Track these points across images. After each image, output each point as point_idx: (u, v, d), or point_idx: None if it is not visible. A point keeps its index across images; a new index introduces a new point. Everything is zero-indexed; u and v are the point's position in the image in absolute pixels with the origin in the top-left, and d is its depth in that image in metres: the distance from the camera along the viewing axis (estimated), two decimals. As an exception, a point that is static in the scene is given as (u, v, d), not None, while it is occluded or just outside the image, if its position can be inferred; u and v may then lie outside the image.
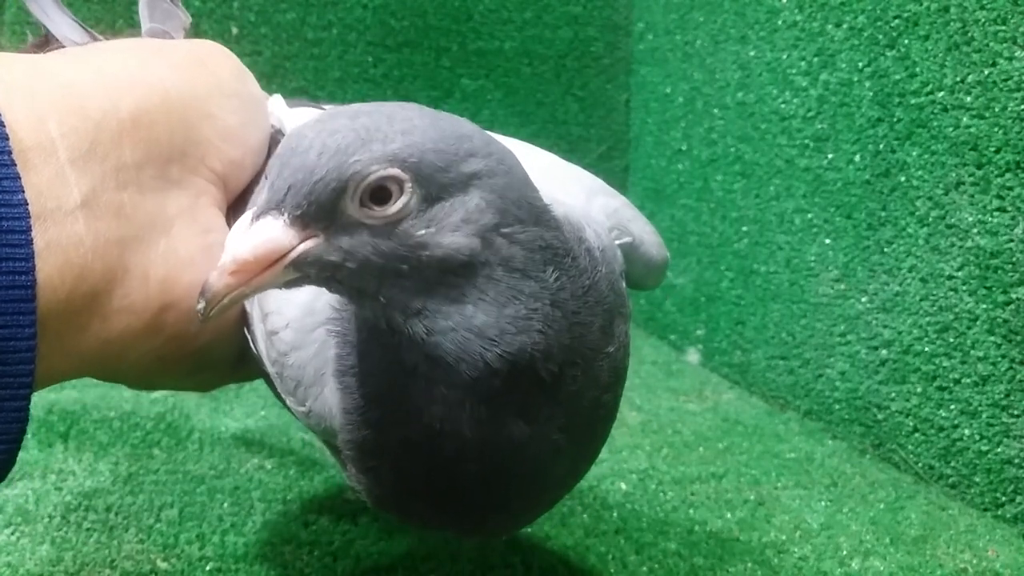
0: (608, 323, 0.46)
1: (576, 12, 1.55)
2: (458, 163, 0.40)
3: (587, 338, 0.44)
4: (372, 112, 0.40)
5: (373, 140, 0.39)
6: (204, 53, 0.56)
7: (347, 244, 0.39)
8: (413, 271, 0.40)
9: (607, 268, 0.48)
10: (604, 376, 0.47)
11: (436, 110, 0.43)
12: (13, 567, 0.63)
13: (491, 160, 0.41)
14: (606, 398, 0.48)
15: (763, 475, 0.88)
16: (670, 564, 0.69)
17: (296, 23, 1.42)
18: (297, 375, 0.49)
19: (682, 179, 1.37)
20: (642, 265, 0.58)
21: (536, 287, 0.42)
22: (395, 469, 0.46)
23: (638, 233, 0.57)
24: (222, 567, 0.65)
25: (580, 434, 0.48)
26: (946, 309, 0.85)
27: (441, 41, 1.49)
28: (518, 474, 0.46)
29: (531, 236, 0.42)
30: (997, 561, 0.71)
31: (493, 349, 0.41)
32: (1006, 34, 0.77)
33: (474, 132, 0.42)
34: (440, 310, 0.40)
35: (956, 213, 0.83)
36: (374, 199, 0.38)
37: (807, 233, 1.06)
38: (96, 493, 0.76)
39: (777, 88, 1.11)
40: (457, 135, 0.41)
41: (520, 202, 0.42)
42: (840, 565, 0.70)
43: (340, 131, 0.39)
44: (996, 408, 0.80)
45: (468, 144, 0.41)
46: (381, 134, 0.39)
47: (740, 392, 1.18)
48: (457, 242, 0.40)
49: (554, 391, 0.43)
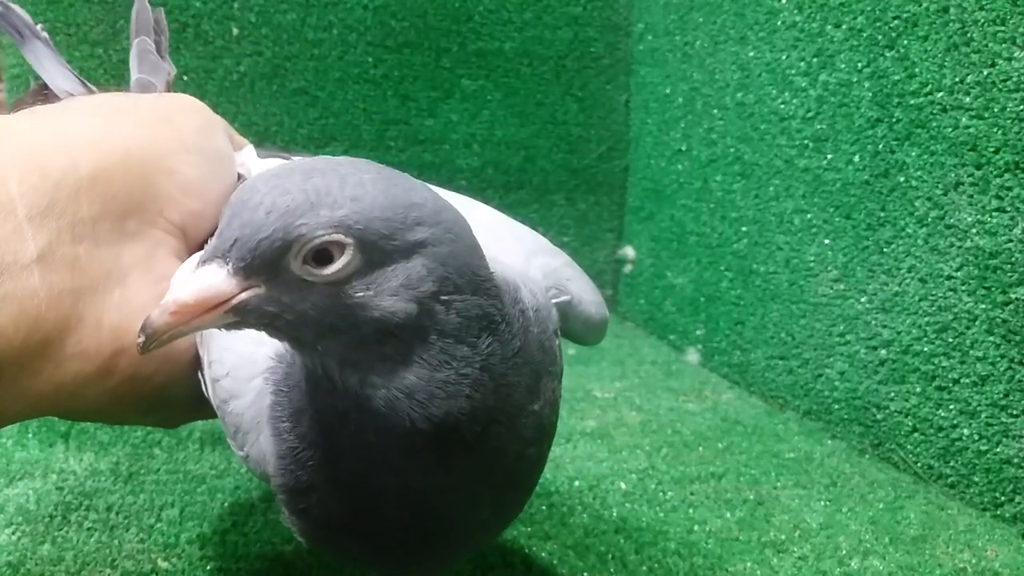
0: (535, 382, 0.48)
1: (576, 12, 1.56)
2: (404, 231, 0.41)
3: (513, 398, 0.46)
4: (326, 172, 0.41)
5: (322, 205, 0.39)
6: (172, 109, 0.59)
7: (287, 298, 0.40)
8: (350, 328, 0.41)
9: (539, 328, 0.49)
10: (528, 432, 0.48)
11: (393, 172, 0.43)
12: (13, 567, 0.64)
13: (439, 229, 0.42)
14: (530, 452, 0.49)
15: (763, 475, 0.88)
16: (670, 564, 0.69)
17: (296, 24, 1.42)
18: (236, 422, 0.51)
19: (682, 179, 1.37)
20: (580, 323, 0.59)
21: (468, 352, 0.43)
22: (323, 509, 0.48)
23: (576, 292, 0.58)
24: (222, 567, 0.65)
25: (502, 485, 0.49)
26: (945, 309, 0.85)
27: (441, 41, 1.49)
28: (438, 521, 0.47)
29: (469, 305, 0.43)
30: (996, 561, 0.71)
31: (420, 411, 0.42)
32: (1005, 34, 0.77)
33: (426, 199, 0.43)
34: (374, 367, 0.42)
35: (955, 213, 0.83)
36: (316, 260, 0.39)
37: (807, 233, 1.06)
38: (97, 493, 0.76)
39: (777, 88, 1.11)
40: (407, 203, 0.41)
41: (463, 271, 0.43)
42: (839, 565, 0.70)
43: (291, 192, 0.40)
44: (995, 408, 0.80)
45: (417, 212, 0.41)
46: (331, 199, 0.40)
47: (740, 392, 1.18)
48: (394, 306, 0.41)
49: (477, 447, 0.45)
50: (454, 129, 1.49)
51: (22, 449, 0.84)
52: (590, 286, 0.60)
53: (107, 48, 1.34)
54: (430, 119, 1.49)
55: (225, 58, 1.39)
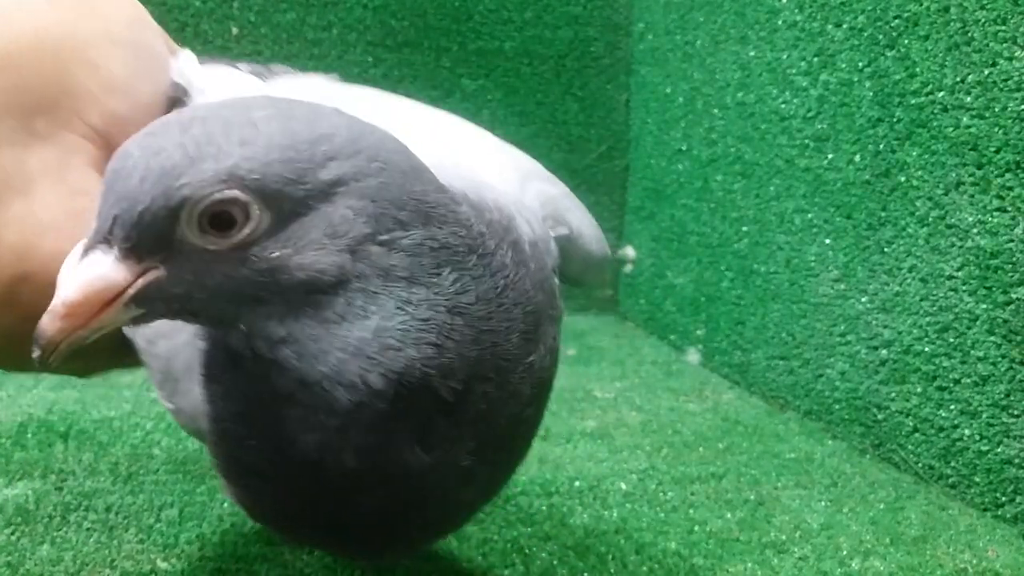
0: (532, 327, 0.41)
1: (576, 12, 1.56)
2: (314, 171, 0.34)
3: (502, 347, 0.39)
4: (207, 118, 0.35)
5: (204, 157, 0.33)
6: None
7: (192, 274, 0.34)
8: (274, 296, 0.35)
9: (536, 263, 0.43)
10: (526, 389, 0.41)
11: (293, 102, 0.37)
12: (13, 567, 0.63)
13: (358, 160, 0.35)
14: (528, 413, 0.42)
15: (763, 475, 0.88)
16: (670, 564, 0.69)
17: (296, 23, 1.42)
18: (163, 367, 0.44)
19: (682, 179, 1.37)
20: (580, 260, 0.52)
21: (427, 294, 0.36)
22: (271, 490, 0.41)
23: (576, 225, 0.51)
24: (222, 567, 0.65)
25: (495, 455, 0.42)
26: (946, 309, 0.85)
27: (441, 41, 1.49)
28: (418, 505, 0.41)
29: (417, 239, 0.36)
30: (997, 561, 0.71)
31: (375, 369, 0.35)
32: (1006, 34, 0.77)
33: (337, 127, 0.36)
34: (309, 334, 0.35)
35: (956, 213, 0.83)
36: (215, 225, 0.33)
37: (807, 233, 1.06)
38: (96, 493, 0.76)
39: (777, 88, 1.11)
40: (312, 137, 0.35)
41: (401, 202, 0.36)
42: (840, 565, 0.70)
43: (166, 148, 0.33)
44: (996, 408, 0.80)
45: (327, 146, 0.35)
46: (214, 148, 0.33)
47: (740, 392, 1.18)
48: (321, 262, 0.34)
49: (460, 412, 0.38)
50: (454, 129, 1.49)
51: (21, 449, 0.84)
52: (590, 219, 0.54)
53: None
54: (430, 119, 1.48)
55: (225, 58, 1.39)
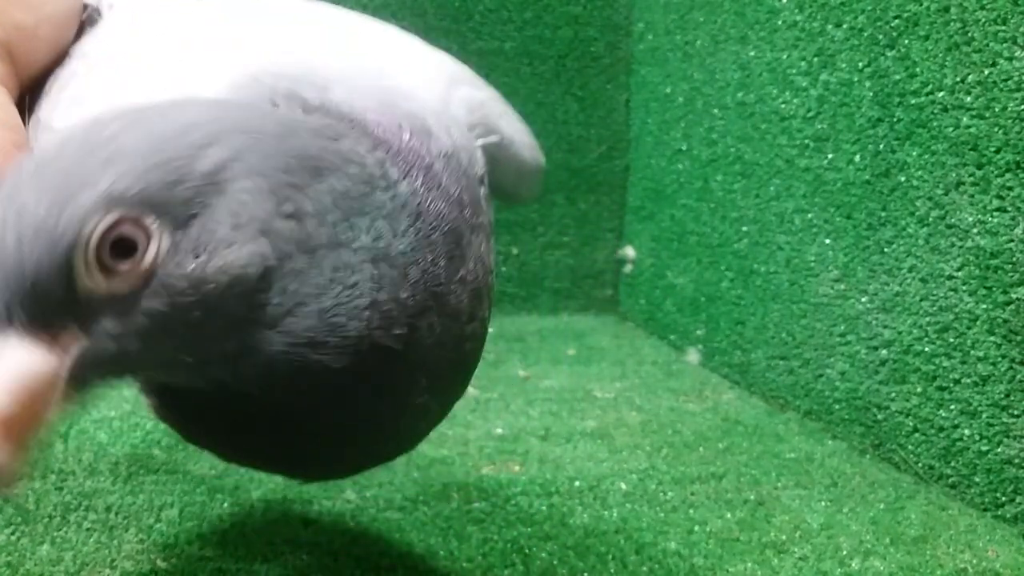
0: (455, 244, 0.39)
1: (576, 12, 1.55)
2: (191, 164, 0.32)
3: (431, 274, 0.37)
4: (58, 156, 0.31)
5: (73, 194, 0.30)
6: None
7: (114, 326, 0.30)
8: (208, 313, 0.32)
9: (452, 176, 0.40)
10: (463, 306, 0.40)
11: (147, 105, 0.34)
12: (13, 567, 0.63)
13: (230, 139, 0.33)
14: (471, 328, 0.41)
15: (763, 475, 0.88)
16: (670, 564, 0.69)
17: (296, 23, 1.42)
18: None
19: (682, 179, 1.37)
20: (512, 170, 0.50)
21: (350, 255, 0.34)
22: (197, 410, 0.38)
23: (508, 132, 0.49)
24: (222, 567, 0.65)
25: (447, 379, 0.42)
26: (946, 309, 0.85)
27: (441, 41, 1.48)
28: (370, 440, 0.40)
29: (319, 197, 0.34)
30: (997, 561, 0.71)
31: (333, 351, 0.34)
32: (1006, 34, 0.77)
33: (197, 115, 0.34)
34: (260, 338, 0.33)
35: (956, 213, 0.83)
36: (118, 256, 0.30)
37: (807, 233, 1.06)
38: (96, 493, 0.76)
39: (777, 88, 1.11)
40: (176, 132, 0.32)
41: (289, 166, 0.34)
42: (840, 565, 0.70)
43: (28, 203, 0.29)
44: (996, 408, 0.80)
45: (194, 135, 0.33)
46: (78, 180, 0.30)
47: (740, 392, 1.18)
48: (240, 256, 0.32)
49: (411, 351, 0.37)
50: (454, 129, 1.49)
51: (21, 449, 0.84)
52: (523, 127, 0.52)
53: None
54: (430, 119, 1.48)
55: None
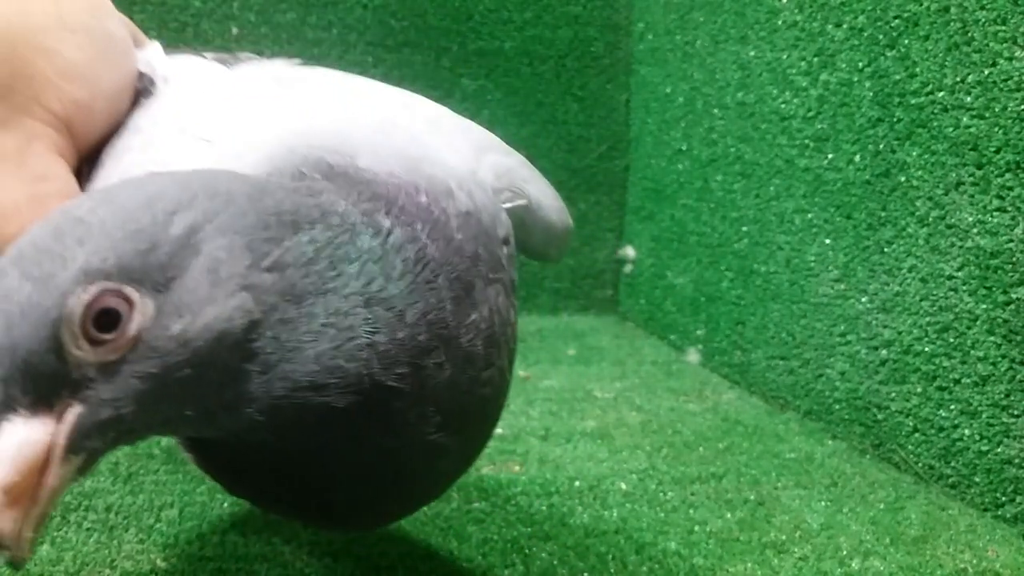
0: (464, 292, 0.40)
1: (576, 12, 1.55)
2: (162, 230, 0.33)
3: (434, 316, 0.38)
4: (31, 242, 0.33)
5: (51, 274, 0.31)
6: None
7: (108, 392, 0.32)
8: (201, 368, 0.33)
9: (467, 233, 0.42)
10: (478, 350, 0.41)
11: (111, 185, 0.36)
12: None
13: (198, 203, 0.34)
14: (487, 374, 0.42)
15: (763, 475, 0.88)
16: (670, 564, 0.69)
17: (296, 23, 1.42)
18: None
19: (682, 179, 1.37)
20: (540, 232, 0.51)
21: (340, 299, 0.35)
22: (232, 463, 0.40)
23: (535, 196, 0.50)
24: (222, 567, 0.65)
25: (463, 423, 0.42)
26: (946, 309, 0.85)
27: (441, 41, 1.49)
28: (391, 483, 0.41)
29: (300, 248, 0.35)
30: (997, 561, 0.71)
31: (335, 392, 0.35)
32: (1006, 34, 0.77)
33: (163, 186, 0.35)
34: (259, 384, 0.34)
35: (956, 213, 0.83)
36: (104, 329, 0.31)
37: (807, 233, 1.06)
38: (96, 493, 0.76)
39: (777, 88, 1.11)
40: (143, 203, 0.34)
41: (265, 223, 0.35)
42: (840, 565, 0.70)
43: (10, 288, 0.31)
44: (996, 408, 0.80)
45: (163, 203, 0.34)
46: (56, 262, 0.32)
47: (740, 392, 1.18)
48: (224, 311, 0.33)
49: (418, 390, 0.38)
50: (454, 129, 1.49)
51: (21, 449, 0.83)
52: (551, 191, 0.53)
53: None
54: (430, 119, 1.48)
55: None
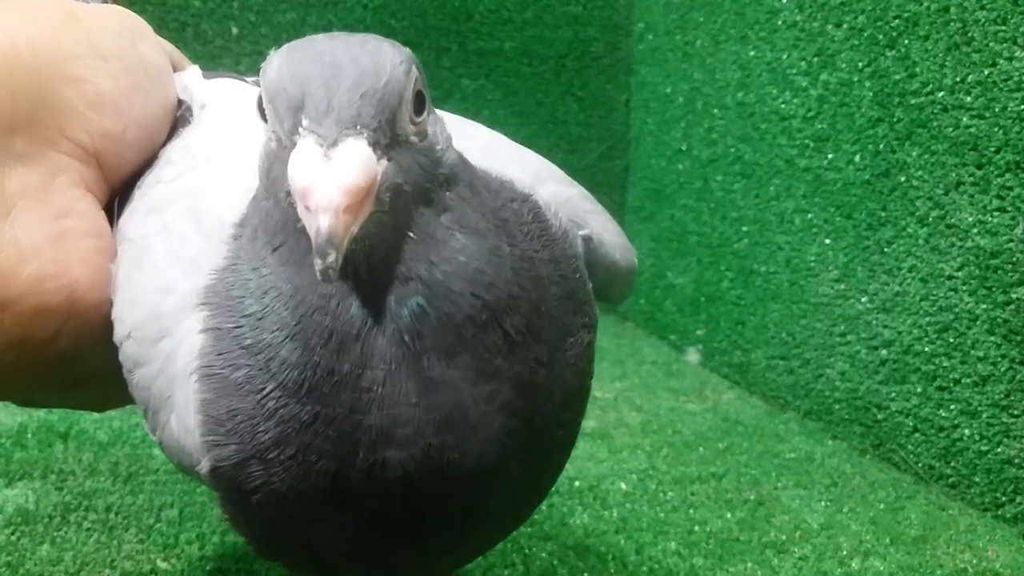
0: (569, 295, 0.40)
1: (576, 12, 1.55)
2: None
3: (548, 298, 0.38)
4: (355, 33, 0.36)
5: (393, 44, 0.35)
6: (86, 9, 0.48)
7: (405, 162, 0.34)
8: (434, 191, 0.35)
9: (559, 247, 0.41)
10: (569, 375, 0.40)
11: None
12: (13, 567, 0.63)
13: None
14: (564, 416, 0.40)
15: (763, 475, 0.88)
16: (670, 564, 0.69)
17: (296, 23, 1.42)
18: (143, 396, 0.40)
19: (682, 179, 1.37)
20: (603, 270, 0.47)
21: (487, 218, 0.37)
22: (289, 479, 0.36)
23: (598, 230, 0.47)
24: (222, 567, 0.65)
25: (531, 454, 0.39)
26: (946, 309, 0.85)
27: (441, 41, 1.49)
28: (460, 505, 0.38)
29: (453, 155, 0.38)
30: (997, 561, 0.71)
31: (482, 293, 0.35)
32: (1006, 34, 0.77)
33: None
34: (441, 240, 0.35)
35: (956, 213, 0.83)
36: (417, 109, 0.34)
37: (807, 233, 1.06)
38: (96, 493, 0.76)
39: (777, 88, 1.11)
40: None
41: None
42: (840, 565, 0.70)
43: (366, 38, 0.35)
44: (996, 408, 0.80)
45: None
46: (386, 40, 0.35)
47: (740, 392, 1.18)
48: (451, 155, 0.36)
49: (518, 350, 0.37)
50: (454, 129, 1.49)
51: (21, 449, 0.84)
52: (615, 227, 0.49)
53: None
54: (430, 119, 1.48)
55: (225, 58, 1.39)
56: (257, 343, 0.35)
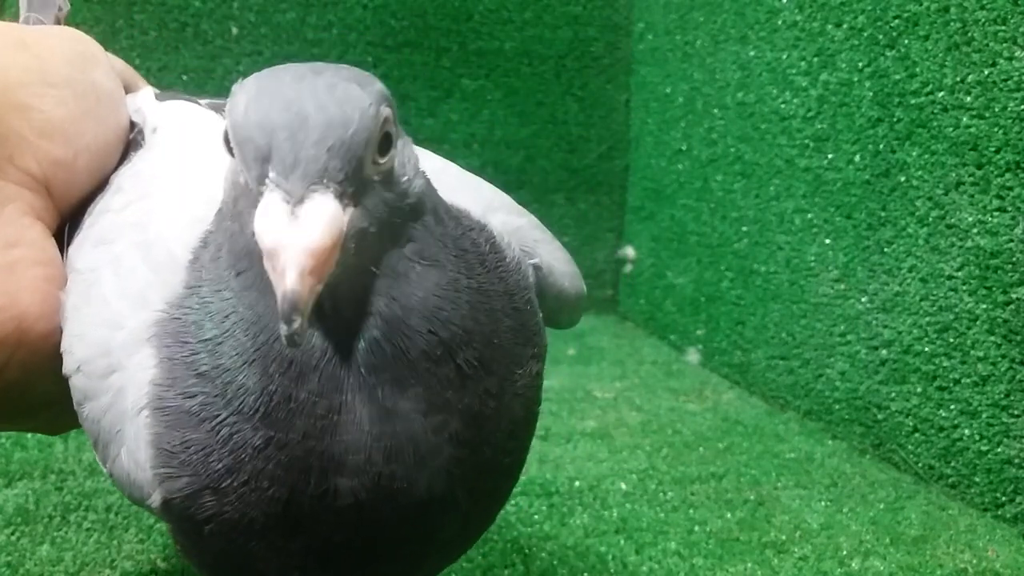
0: (520, 326, 0.41)
1: (576, 12, 1.55)
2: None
3: (501, 330, 0.39)
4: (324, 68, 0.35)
5: (361, 82, 0.34)
6: (36, 35, 0.47)
7: (371, 204, 0.34)
8: (400, 225, 0.35)
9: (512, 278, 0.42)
10: (517, 405, 0.40)
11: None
12: (13, 567, 0.63)
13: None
14: (511, 445, 0.41)
15: (763, 475, 0.88)
16: (670, 564, 0.69)
17: (296, 23, 1.42)
18: (93, 430, 0.40)
19: (682, 179, 1.37)
20: (552, 298, 0.48)
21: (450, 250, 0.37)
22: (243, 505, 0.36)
23: (547, 259, 0.47)
24: (222, 567, 0.65)
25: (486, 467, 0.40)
26: (946, 309, 0.85)
27: (441, 41, 1.49)
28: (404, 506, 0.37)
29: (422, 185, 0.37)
30: (997, 561, 0.71)
31: (439, 331, 0.36)
32: (1006, 34, 0.77)
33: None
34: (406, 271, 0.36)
35: (956, 213, 0.83)
36: (382, 150, 0.34)
37: (807, 233, 1.06)
38: (96, 493, 0.76)
39: (777, 88, 1.11)
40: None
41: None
42: (840, 565, 0.70)
43: (334, 81, 0.34)
44: (996, 408, 0.80)
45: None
46: (355, 77, 0.34)
47: (740, 392, 1.18)
48: (418, 182, 0.36)
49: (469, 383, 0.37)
50: (454, 129, 1.49)
51: (21, 450, 0.84)
52: (564, 255, 0.50)
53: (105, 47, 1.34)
54: (430, 119, 1.48)
55: (225, 58, 1.39)
56: (214, 368, 0.36)
